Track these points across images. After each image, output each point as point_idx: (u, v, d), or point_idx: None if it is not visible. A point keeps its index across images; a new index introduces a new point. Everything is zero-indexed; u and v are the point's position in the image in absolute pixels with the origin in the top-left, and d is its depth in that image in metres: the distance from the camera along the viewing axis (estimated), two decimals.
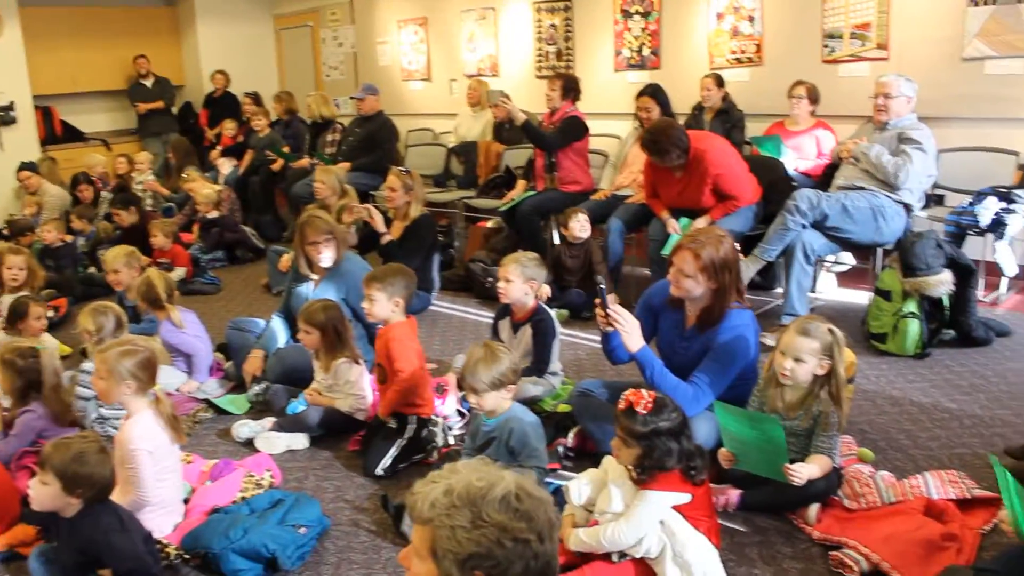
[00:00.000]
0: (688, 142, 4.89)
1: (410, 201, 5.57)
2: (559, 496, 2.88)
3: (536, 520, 1.49)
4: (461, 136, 8.08)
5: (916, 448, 3.46)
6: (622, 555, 2.55)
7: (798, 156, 5.70)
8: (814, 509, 2.92)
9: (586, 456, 3.37)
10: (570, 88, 6.32)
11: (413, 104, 9.66)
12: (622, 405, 2.57)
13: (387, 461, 3.42)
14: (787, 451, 2.86)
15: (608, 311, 3.13)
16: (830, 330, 2.96)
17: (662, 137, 4.89)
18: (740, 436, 2.93)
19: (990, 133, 5.57)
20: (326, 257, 4.50)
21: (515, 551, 1.47)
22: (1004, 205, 4.94)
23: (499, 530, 1.46)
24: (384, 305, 3.65)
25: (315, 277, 4.58)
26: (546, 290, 4.58)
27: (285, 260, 5.82)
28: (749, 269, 4.79)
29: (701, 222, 4.93)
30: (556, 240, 5.90)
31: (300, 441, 3.74)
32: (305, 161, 8.07)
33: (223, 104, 10.15)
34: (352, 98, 8.31)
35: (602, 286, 3.16)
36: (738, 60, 6.75)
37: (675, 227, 5.03)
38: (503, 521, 1.46)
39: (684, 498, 2.56)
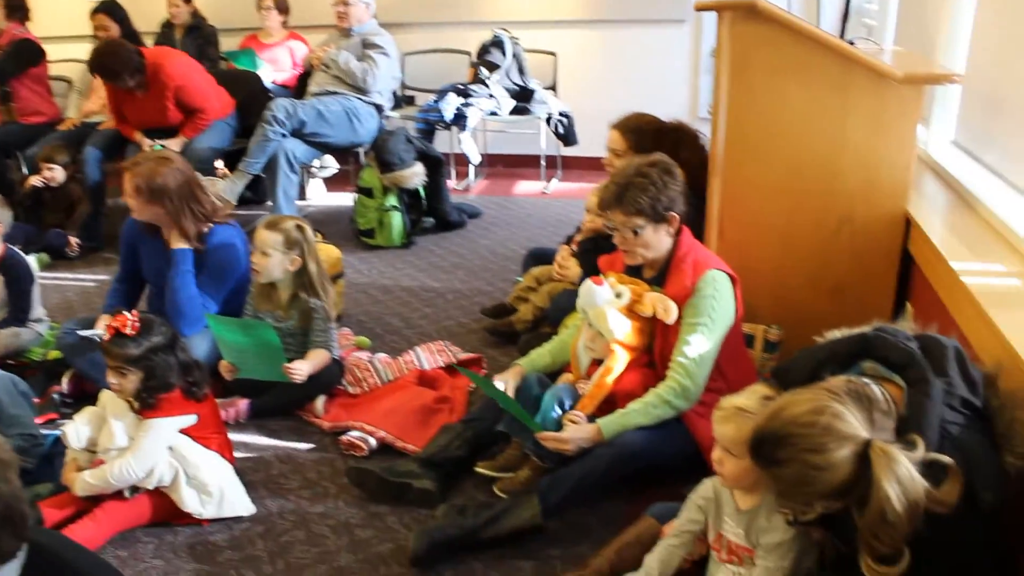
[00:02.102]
0: (142, 60, 4.69)
1: None
2: (60, 445, 2.71)
3: None
4: None
5: (408, 328, 3.79)
6: (135, 489, 2.49)
7: (274, 68, 5.72)
8: (320, 401, 3.09)
9: (86, 398, 3.17)
10: (16, 7, 5.68)
11: None
12: (107, 335, 2.47)
13: None
14: (284, 352, 2.97)
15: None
16: (298, 226, 3.09)
17: (109, 59, 4.65)
18: (237, 345, 2.98)
19: (446, 36, 6.09)
20: None
21: None
22: (463, 100, 5.47)
23: None
24: None
25: None
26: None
27: None
28: (236, 185, 4.79)
29: (175, 144, 4.75)
30: (27, 175, 5.36)
31: None
32: None
33: None
34: None
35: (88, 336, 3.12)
36: None
37: (149, 147, 4.83)
38: None
39: (190, 420, 2.54)
